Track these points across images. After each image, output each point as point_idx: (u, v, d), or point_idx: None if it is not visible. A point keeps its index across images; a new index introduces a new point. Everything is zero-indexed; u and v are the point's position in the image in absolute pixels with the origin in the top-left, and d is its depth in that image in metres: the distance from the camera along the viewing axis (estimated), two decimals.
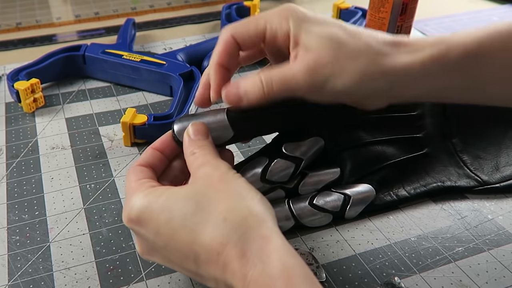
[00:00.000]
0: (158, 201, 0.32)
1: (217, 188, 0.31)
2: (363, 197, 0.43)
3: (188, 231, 0.30)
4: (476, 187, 0.46)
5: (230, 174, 0.33)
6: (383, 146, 0.46)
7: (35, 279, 0.38)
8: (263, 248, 0.28)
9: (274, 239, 0.29)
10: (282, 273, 0.27)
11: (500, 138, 0.50)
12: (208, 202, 0.31)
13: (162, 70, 0.60)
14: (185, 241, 0.30)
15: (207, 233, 0.29)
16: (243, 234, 0.29)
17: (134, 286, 0.38)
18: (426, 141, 0.47)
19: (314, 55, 0.34)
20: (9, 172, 0.49)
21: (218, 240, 0.29)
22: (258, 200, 0.31)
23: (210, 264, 0.29)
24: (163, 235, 0.31)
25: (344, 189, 0.43)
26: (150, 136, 0.52)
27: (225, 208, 0.30)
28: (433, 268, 0.39)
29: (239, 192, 0.31)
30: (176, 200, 0.31)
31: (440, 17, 0.85)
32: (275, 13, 0.36)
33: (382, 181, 0.45)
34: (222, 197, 0.31)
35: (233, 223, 0.29)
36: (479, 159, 0.48)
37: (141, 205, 0.32)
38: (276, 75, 0.35)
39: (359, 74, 0.34)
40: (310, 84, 0.35)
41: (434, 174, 0.46)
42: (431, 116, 0.48)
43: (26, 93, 0.56)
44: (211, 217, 0.30)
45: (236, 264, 0.28)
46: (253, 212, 0.30)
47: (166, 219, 0.31)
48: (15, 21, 0.84)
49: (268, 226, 0.30)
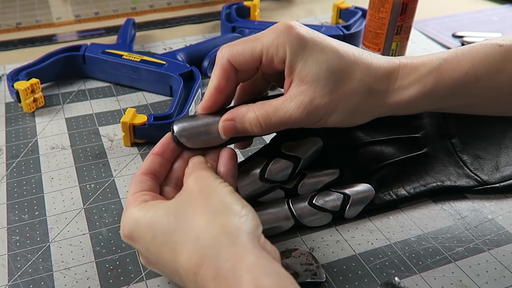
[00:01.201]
0: (145, 217, 0.32)
1: (195, 204, 0.32)
2: (363, 196, 0.43)
3: (169, 249, 0.31)
4: (475, 187, 0.46)
5: (210, 185, 0.33)
6: (382, 146, 0.46)
7: (35, 279, 0.38)
8: (235, 268, 0.28)
9: (247, 257, 0.28)
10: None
11: (500, 138, 0.50)
12: (185, 219, 0.31)
13: (162, 70, 0.60)
14: (168, 260, 0.31)
15: (184, 253, 0.30)
16: (215, 254, 0.29)
17: (134, 286, 0.38)
18: (425, 141, 0.47)
19: (310, 93, 0.35)
20: (9, 172, 0.49)
21: (194, 261, 0.29)
22: (235, 213, 0.31)
23: (190, 283, 0.30)
24: (151, 252, 0.32)
25: (344, 188, 0.43)
26: (150, 136, 0.52)
27: (199, 226, 0.30)
28: (433, 268, 0.39)
29: (216, 207, 0.31)
30: (160, 217, 0.32)
31: (440, 17, 0.85)
32: (272, 35, 0.36)
33: (381, 181, 0.45)
34: (198, 213, 0.31)
35: (205, 242, 0.29)
36: (479, 159, 0.48)
37: (132, 221, 0.33)
38: (274, 116, 0.36)
39: (350, 111, 0.36)
40: (303, 121, 0.36)
41: (434, 174, 0.46)
42: (430, 116, 0.48)
43: (26, 93, 0.56)
44: (188, 235, 0.30)
45: (212, 284, 0.28)
46: (226, 229, 0.30)
47: (152, 237, 0.32)
48: (15, 21, 0.84)
49: (242, 243, 0.29)
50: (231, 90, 0.38)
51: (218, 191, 0.33)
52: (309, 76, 0.35)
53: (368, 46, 0.66)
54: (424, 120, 0.48)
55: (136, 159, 0.51)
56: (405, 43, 0.66)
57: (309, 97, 0.35)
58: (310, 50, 0.35)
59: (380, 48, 0.65)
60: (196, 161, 0.37)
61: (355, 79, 0.36)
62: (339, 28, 0.71)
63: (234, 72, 0.37)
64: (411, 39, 0.75)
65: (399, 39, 0.64)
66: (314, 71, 0.35)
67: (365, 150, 0.45)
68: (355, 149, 0.45)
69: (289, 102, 0.35)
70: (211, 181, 0.33)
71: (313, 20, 0.84)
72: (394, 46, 0.65)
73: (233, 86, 0.38)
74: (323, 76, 0.35)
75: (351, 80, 0.36)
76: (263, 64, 0.37)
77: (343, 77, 0.35)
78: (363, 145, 0.45)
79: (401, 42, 0.65)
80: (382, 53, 0.65)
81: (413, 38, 0.77)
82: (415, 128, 0.48)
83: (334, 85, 0.35)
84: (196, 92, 0.56)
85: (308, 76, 0.35)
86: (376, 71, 0.36)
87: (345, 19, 0.80)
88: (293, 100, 0.35)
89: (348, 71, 0.36)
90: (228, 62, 0.37)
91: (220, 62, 0.37)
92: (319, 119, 0.36)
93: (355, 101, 0.36)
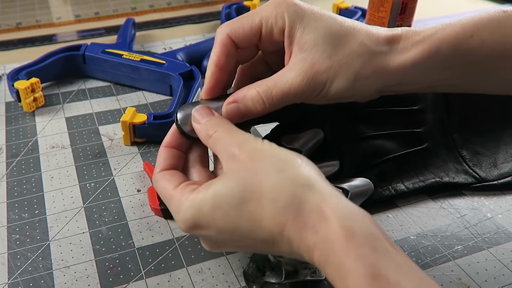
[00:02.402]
0: (206, 202, 0.31)
1: (252, 171, 0.31)
2: (361, 191, 0.43)
3: (246, 221, 0.30)
4: (473, 183, 0.46)
5: (257, 148, 0.32)
6: (383, 140, 0.46)
7: (35, 278, 0.38)
8: (320, 216, 0.28)
9: (329, 202, 0.29)
10: (342, 235, 0.27)
11: (500, 134, 0.50)
12: (252, 188, 0.30)
13: (162, 69, 0.60)
14: (248, 231, 0.31)
15: (264, 217, 0.30)
16: (298, 208, 0.29)
17: (133, 284, 0.38)
18: (427, 136, 0.47)
19: (309, 59, 0.35)
20: (9, 171, 0.49)
21: (277, 221, 0.29)
22: (298, 165, 0.31)
23: (277, 243, 0.30)
24: (225, 232, 0.32)
25: (342, 183, 0.43)
26: (150, 135, 0.53)
27: (270, 188, 0.30)
28: (432, 266, 0.39)
29: (276, 165, 0.31)
30: (222, 195, 0.31)
31: (440, 17, 0.85)
32: (270, 7, 0.36)
33: (381, 175, 0.45)
34: (262, 179, 0.30)
35: (284, 201, 0.29)
36: (477, 155, 0.48)
37: (194, 211, 0.32)
38: (275, 88, 0.35)
39: (353, 77, 0.35)
40: (305, 91, 0.35)
41: (433, 169, 0.46)
42: (433, 110, 0.48)
43: (26, 93, 0.56)
44: (262, 201, 0.30)
45: (299, 237, 0.29)
46: (298, 181, 0.30)
47: (222, 217, 0.31)
48: (15, 21, 0.84)
49: (318, 190, 0.30)
50: (231, 68, 0.38)
51: (267, 150, 0.32)
52: (308, 43, 0.35)
53: None
54: (427, 115, 0.47)
55: (136, 158, 0.51)
56: None
57: (308, 63, 0.34)
58: (308, 18, 0.35)
59: None
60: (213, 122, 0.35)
61: (355, 42, 0.35)
62: None
63: (233, 47, 0.37)
64: None
65: None
66: (313, 37, 0.35)
67: (367, 144, 0.45)
68: (356, 142, 0.45)
69: (289, 71, 0.35)
70: (253, 144, 0.32)
71: None
72: None
73: (233, 63, 0.38)
74: (322, 41, 0.35)
75: (351, 43, 0.35)
76: (263, 38, 0.36)
77: (342, 41, 0.35)
78: (365, 138, 0.45)
79: None
80: None
81: None
82: (417, 123, 0.47)
83: (334, 49, 0.35)
84: (196, 92, 0.56)
85: (307, 43, 0.35)
86: (377, 36, 0.36)
87: None
88: (292, 69, 0.35)
89: (347, 36, 0.35)
90: (228, 37, 0.36)
91: (219, 38, 0.37)
92: (321, 87, 0.35)
93: (357, 64, 0.35)
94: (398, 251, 0.28)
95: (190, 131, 0.36)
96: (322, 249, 0.28)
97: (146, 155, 0.51)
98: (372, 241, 0.27)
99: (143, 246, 0.41)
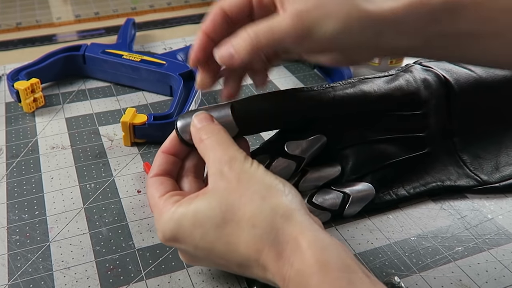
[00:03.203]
0: (187, 217, 0.32)
1: (238, 193, 0.31)
2: (363, 195, 0.43)
3: (223, 243, 0.31)
4: (475, 186, 0.46)
5: (245, 171, 0.32)
6: (385, 144, 0.45)
7: (35, 279, 0.38)
8: (296, 248, 0.29)
9: (305, 235, 0.29)
10: (317, 269, 0.28)
11: (500, 137, 0.50)
12: (233, 211, 0.31)
13: (162, 70, 0.60)
14: (224, 252, 0.31)
15: (242, 242, 0.30)
16: (275, 238, 0.29)
17: (134, 285, 0.38)
18: (429, 141, 0.47)
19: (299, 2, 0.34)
20: (9, 172, 0.49)
21: (254, 248, 0.30)
22: (281, 193, 0.31)
23: (251, 268, 0.31)
24: (202, 249, 0.32)
25: (344, 187, 0.43)
26: (150, 136, 0.52)
27: (250, 214, 0.30)
28: (433, 267, 0.39)
29: (260, 192, 0.31)
30: (204, 213, 0.31)
31: None
32: None
33: (382, 180, 0.44)
34: (245, 202, 0.31)
35: (262, 229, 0.30)
36: (479, 159, 0.48)
37: (174, 224, 0.32)
38: (262, 27, 0.34)
39: (344, 17, 0.33)
40: (297, 30, 0.33)
41: (434, 174, 0.46)
42: (435, 114, 0.47)
43: (26, 93, 0.56)
44: (241, 225, 0.30)
45: (274, 266, 0.29)
46: (278, 211, 0.30)
47: (201, 235, 0.32)
48: (15, 21, 0.84)
49: (297, 221, 0.30)
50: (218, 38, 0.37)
51: (254, 174, 0.32)
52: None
53: None
54: (430, 120, 0.47)
55: (136, 159, 0.51)
56: None
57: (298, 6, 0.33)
58: None
59: None
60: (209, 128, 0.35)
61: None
62: None
63: (223, 18, 0.37)
64: None
65: None
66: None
67: (369, 148, 0.45)
68: (358, 146, 0.45)
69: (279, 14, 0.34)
70: (243, 165, 0.33)
71: None
72: None
73: (221, 35, 0.37)
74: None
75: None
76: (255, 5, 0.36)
77: None
78: (367, 143, 0.45)
79: None
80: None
81: None
82: (421, 128, 0.47)
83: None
84: (196, 92, 0.56)
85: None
86: None
87: None
88: (283, 12, 0.34)
89: None
90: (219, 9, 0.37)
91: (212, 10, 0.37)
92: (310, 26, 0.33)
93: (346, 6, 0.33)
94: (373, 281, 0.28)
95: (189, 139, 0.37)
96: (297, 283, 0.28)
97: (146, 156, 0.51)
98: (348, 274, 0.28)
99: (143, 247, 0.41)
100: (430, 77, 0.48)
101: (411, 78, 0.47)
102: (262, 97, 0.40)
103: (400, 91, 0.45)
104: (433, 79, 0.48)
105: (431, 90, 0.47)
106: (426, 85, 0.47)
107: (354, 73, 0.67)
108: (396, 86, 0.45)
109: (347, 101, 0.43)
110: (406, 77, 0.47)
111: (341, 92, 0.43)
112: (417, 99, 0.46)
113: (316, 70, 0.68)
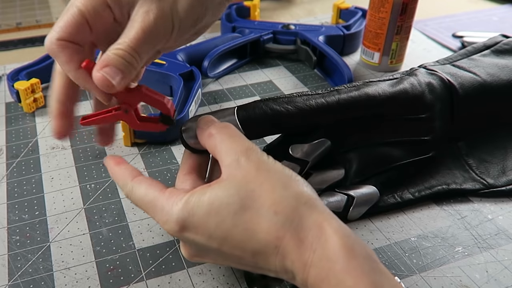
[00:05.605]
0: (201, 206, 0.31)
1: (258, 181, 0.31)
2: (367, 198, 0.43)
3: (241, 230, 0.30)
4: (481, 190, 0.46)
5: (263, 160, 0.32)
6: (389, 148, 0.45)
7: (35, 279, 0.38)
8: (320, 234, 0.29)
9: (330, 222, 0.29)
10: (343, 255, 0.28)
11: (506, 141, 0.50)
12: (254, 198, 0.30)
13: (162, 70, 0.60)
14: (240, 240, 0.31)
15: (262, 229, 0.30)
16: (298, 225, 0.29)
17: (134, 286, 0.38)
18: (433, 144, 0.47)
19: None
20: (9, 172, 0.49)
21: (274, 235, 0.30)
22: (301, 184, 0.31)
23: (269, 256, 0.30)
24: (216, 238, 0.31)
25: (348, 190, 0.43)
26: (150, 136, 0.52)
27: (272, 201, 0.30)
28: (433, 268, 0.39)
29: (281, 180, 0.31)
30: (221, 201, 0.31)
31: (440, 17, 0.85)
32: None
33: (386, 183, 0.44)
34: (266, 190, 0.30)
35: (285, 216, 0.30)
36: (485, 163, 0.48)
37: (186, 214, 0.31)
38: (128, 37, 0.32)
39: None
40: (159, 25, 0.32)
41: (439, 177, 0.46)
42: (440, 119, 0.47)
43: (26, 93, 0.56)
44: (261, 212, 0.30)
45: (295, 253, 0.29)
46: (301, 199, 0.30)
47: (216, 223, 0.31)
48: (15, 21, 0.84)
49: (320, 210, 0.30)
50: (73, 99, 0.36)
51: (274, 165, 0.32)
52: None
53: (368, 46, 0.66)
54: (435, 123, 0.47)
55: (136, 159, 0.51)
56: (405, 43, 0.66)
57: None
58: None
59: (380, 48, 0.65)
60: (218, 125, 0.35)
61: None
62: (339, 28, 0.71)
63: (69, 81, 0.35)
64: (411, 39, 0.75)
65: (399, 39, 0.64)
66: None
67: (374, 151, 0.45)
68: (363, 149, 0.45)
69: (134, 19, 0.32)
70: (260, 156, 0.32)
71: (313, 20, 0.84)
72: (394, 46, 0.65)
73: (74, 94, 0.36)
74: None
75: None
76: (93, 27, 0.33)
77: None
78: (372, 145, 0.45)
79: (401, 42, 0.65)
80: (382, 53, 0.66)
81: (413, 38, 0.77)
82: (425, 131, 0.46)
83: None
84: (196, 92, 0.56)
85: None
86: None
87: (345, 19, 0.80)
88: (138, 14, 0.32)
89: None
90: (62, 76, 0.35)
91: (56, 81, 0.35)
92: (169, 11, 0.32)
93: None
94: (391, 275, 0.29)
95: (194, 144, 0.37)
96: (320, 268, 0.28)
97: (146, 156, 0.51)
98: (370, 262, 0.28)
99: (143, 248, 0.41)
100: (434, 81, 0.48)
101: (415, 81, 0.47)
102: (267, 101, 0.41)
103: (404, 94, 0.45)
104: (438, 83, 0.47)
105: (435, 94, 0.47)
106: (431, 89, 0.47)
107: (354, 73, 0.67)
108: (400, 90, 0.45)
109: (352, 105, 0.43)
110: (410, 81, 0.47)
111: (346, 96, 0.43)
112: (422, 102, 0.46)
113: (316, 70, 0.68)
